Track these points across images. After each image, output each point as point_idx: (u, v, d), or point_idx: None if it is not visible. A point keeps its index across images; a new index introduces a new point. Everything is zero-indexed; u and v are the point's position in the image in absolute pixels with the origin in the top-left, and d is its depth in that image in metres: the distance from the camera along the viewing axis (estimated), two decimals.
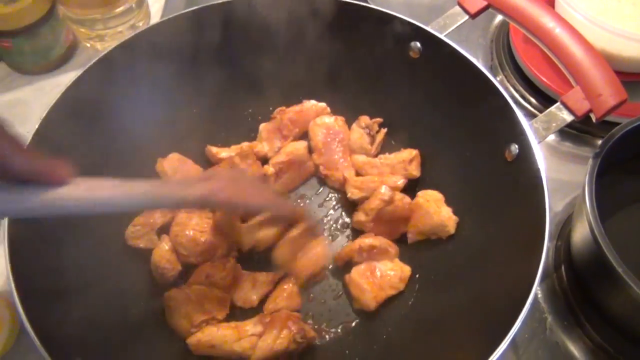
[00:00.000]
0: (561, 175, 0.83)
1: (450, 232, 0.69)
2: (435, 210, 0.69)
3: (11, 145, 0.41)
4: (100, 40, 0.92)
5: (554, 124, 0.62)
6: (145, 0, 0.95)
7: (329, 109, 0.79)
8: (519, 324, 0.51)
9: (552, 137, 0.86)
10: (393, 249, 0.70)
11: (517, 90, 0.88)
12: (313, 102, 0.79)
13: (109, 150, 0.69)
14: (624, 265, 0.56)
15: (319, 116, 0.78)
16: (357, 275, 0.68)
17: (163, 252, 0.67)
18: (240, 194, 0.56)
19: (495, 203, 0.65)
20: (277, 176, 0.75)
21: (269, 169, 0.74)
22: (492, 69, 0.92)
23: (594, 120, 0.61)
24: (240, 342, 0.63)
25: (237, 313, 0.69)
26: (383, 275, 0.68)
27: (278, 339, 0.62)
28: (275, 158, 0.76)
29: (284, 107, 0.78)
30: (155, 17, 0.98)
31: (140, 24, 0.94)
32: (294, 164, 0.76)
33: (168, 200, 0.52)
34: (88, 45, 0.94)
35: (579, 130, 0.85)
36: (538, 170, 0.59)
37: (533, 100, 0.87)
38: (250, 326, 0.64)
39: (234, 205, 0.58)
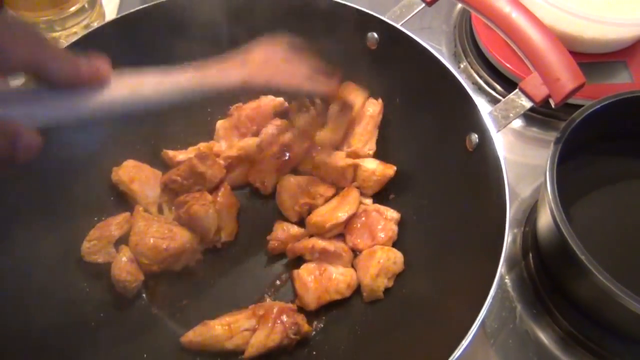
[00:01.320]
0: (528, 160, 0.82)
1: (363, 300, 0.67)
2: (372, 275, 0.65)
3: (48, 51, 0.41)
4: (56, 42, 0.89)
5: (513, 111, 0.61)
6: (98, 0, 0.93)
7: (286, 104, 0.77)
8: (479, 322, 0.50)
9: (519, 123, 0.85)
10: (347, 255, 0.68)
11: (480, 77, 0.87)
12: (270, 97, 0.77)
13: (62, 163, 0.66)
14: (586, 252, 0.56)
15: (276, 111, 0.76)
16: (305, 272, 0.66)
17: (122, 264, 0.65)
18: (277, 73, 0.57)
19: (458, 193, 0.64)
20: (228, 171, 0.73)
21: (220, 162, 0.73)
22: (455, 56, 0.91)
23: (553, 105, 0.60)
24: (232, 339, 0.62)
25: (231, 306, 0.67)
26: (331, 278, 0.66)
27: (271, 334, 0.61)
28: (227, 152, 0.74)
29: (240, 104, 0.76)
30: (111, 17, 0.95)
31: (95, 24, 0.91)
32: (245, 160, 0.74)
33: (212, 87, 0.52)
34: None
35: (545, 115, 0.84)
36: (498, 159, 0.58)
37: (498, 86, 0.86)
38: (243, 321, 0.63)
39: (273, 87, 0.59)
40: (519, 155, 0.83)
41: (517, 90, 0.62)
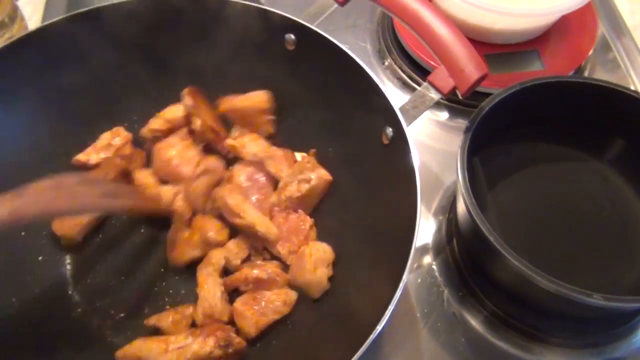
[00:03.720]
0: (453, 148, 0.84)
1: (314, 296, 0.67)
2: (311, 269, 0.66)
3: None
4: None
5: (424, 104, 0.64)
6: (20, 14, 0.91)
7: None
8: (388, 315, 0.51)
9: (445, 115, 0.88)
10: (281, 278, 0.68)
11: (404, 72, 0.90)
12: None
13: None
14: (496, 235, 0.58)
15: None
16: (240, 304, 0.66)
17: None
18: (62, 196, 0.54)
19: (376, 186, 0.67)
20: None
21: (147, 134, 0.74)
22: (380, 53, 0.94)
23: (460, 96, 0.63)
24: (167, 354, 0.62)
25: None
26: (267, 301, 0.66)
27: (204, 345, 0.61)
28: (152, 124, 0.75)
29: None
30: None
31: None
32: (174, 131, 0.75)
33: None
34: None
35: (467, 106, 0.87)
36: (409, 151, 0.60)
37: (421, 81, 0.88)
38: (180, 339, 0.63)
39: (56, 211, 0.57)
40: (445, 144, 0.86)
41: (425, 83, 0.64)
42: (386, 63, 0.92)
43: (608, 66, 0.95)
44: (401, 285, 0.52)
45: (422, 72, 0.88)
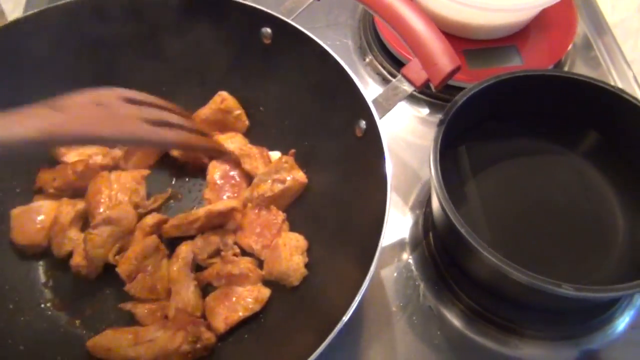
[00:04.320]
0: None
1: (293, 283, 0.66)
2: (287, 257, 0.67)
3: None
4: None
5: (397, 96, 0.64)
6: (0, 9, 0.91)
7: None
8: (351, 311, 0.51)
9: (426, 111, 0.88)
10: (254, 274, 0.67)
11: (385, 68, 0.90)
12: None
13: None
14: (469, 229, 0.58)
15: None
16: (211, 299, 0.66)
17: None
18: (103, 120, 0.45)
19: (348, 179, 0.67)
20: (127, 158, 0.74)
21: (117, 152, 0.74)
22: (361, 49, 0.94)
23: (433, 89, 0.63)
24: (135, 347, 0.62)
25: None
26: (238, 297, 0.66)
27: (173, 339, 0.61)
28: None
29: None
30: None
31: None
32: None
33: None
34: None
35: (447, 101, 0.87)
36: (381, 142, 0.60)
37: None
38: (150, 331, 0.63)
39: (97, 137, 0.47)
40: (426, 140, 0.86)
41: (399, 76, 0.64)
42: (367, 59, 0.93)
43: (589, 63, 0.96)
44: (370, 271, 0.52)
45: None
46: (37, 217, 0.70)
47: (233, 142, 0.76)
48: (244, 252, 0.71)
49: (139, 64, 0.77)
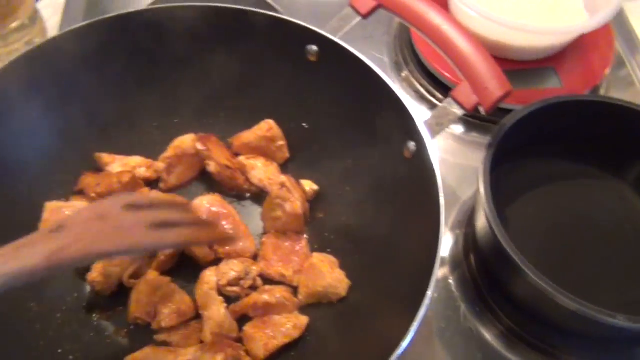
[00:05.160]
0: (470, 162, 0.85)
1: (341, 294, 0.67)
2: (329, 271, 0.67)
3: None
4: None
5: (446, 119, 0.64)
6: (39, 16, 0.92)
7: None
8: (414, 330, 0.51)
9: (460, 129, 0.88)
10: (291, 302, 0.67)
11: (422, 85, 0.90)
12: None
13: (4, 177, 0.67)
14: (518, 252, 0.58)
15: None
16: (249, 327, 0.66)
17: None
18: (106, 234, 0.45)
19: (396, 200, 0.67)
20: (169, 171, 0.75)
21: (159, 164, 0.74)
22: (397, 65, 0.94)
23: (482, 112, 0.63)
24: None
25: None
26: (276, 324, 0.65)
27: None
28: (164, 154, 0.76)
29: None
30: (53, 33, 0.94)
31: (37, 40, 0.90)
32: (183, 157, 0.76)
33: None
34: None
35: (483, 120, 0.87)
36: (432, 165, 0.60)
37: (438, 94, 0.89)
38: (190, 352, 0.63)
39: (101, 253, 0.46)
40: (461, 158, 0.86)
41: (448, 98, 0.64)
42: (403, 75, 0.93)
43: (622, 83, 0.96)
44: (427, 297, 0.52)
45: (440, 85, 0.89)
46: None
47: (266, 171, 0.77)
48: (269, 281, 0.71)
49: (180, 80, 0.78)
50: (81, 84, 0.73)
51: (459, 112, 0.64)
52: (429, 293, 0.52)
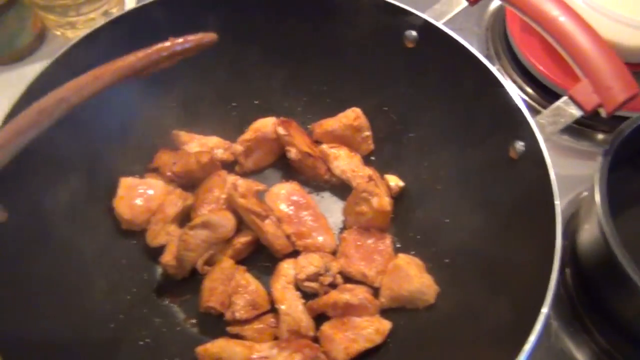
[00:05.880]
0: (562, 170, 0.76)
1: (429, 301, 0.62)
2: (417, 274, 0.62)
3: None
4: (72, 28, 0.86)
5: (562, 120, 0.58)
6: None
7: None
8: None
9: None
10: (373, 305, 0.63)
11: (514, 81, 0.84)
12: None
13: (84, 147, 0.64)
14: (636, 268, 0.53)
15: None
16: (328, 327, 0.61)
17: None
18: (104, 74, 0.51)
19: (499, 202, 0.61)
20: (246, 155, 0.72)
21: (237, 147, 0.72)
22: (488, 58, 0.87)
23: (603, 115, 0.57)
24: None
25: None
26: (357, 327, 0.61)
27: (289, 359, 0.58)
28: (243, 136, 0.73)
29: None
30: (131, 3, 0.92)
31: (114, 10, 0.88)
32: (262, 141, 0.72)
33: None
34: (58, 33, 0.88)
35: (578, 124, 0.81)
36: (546, 168, 0.55)
37: (530, 91, 0.83)
38: (265, 348, 0.59)
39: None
40: (553, 165, 0.80)
41: (565, 97, 0.58)
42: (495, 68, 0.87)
43: None
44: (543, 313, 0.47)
45: (534, 83, 0.83)
46: (146, 194, 0.68)
47: (348, 163, 0.72)
48: (348, 280, 0.67)
49: (264, 59, 0.74)
50: None
51: (577, 112, 0.58)
52: (544, 311, 0.47)
